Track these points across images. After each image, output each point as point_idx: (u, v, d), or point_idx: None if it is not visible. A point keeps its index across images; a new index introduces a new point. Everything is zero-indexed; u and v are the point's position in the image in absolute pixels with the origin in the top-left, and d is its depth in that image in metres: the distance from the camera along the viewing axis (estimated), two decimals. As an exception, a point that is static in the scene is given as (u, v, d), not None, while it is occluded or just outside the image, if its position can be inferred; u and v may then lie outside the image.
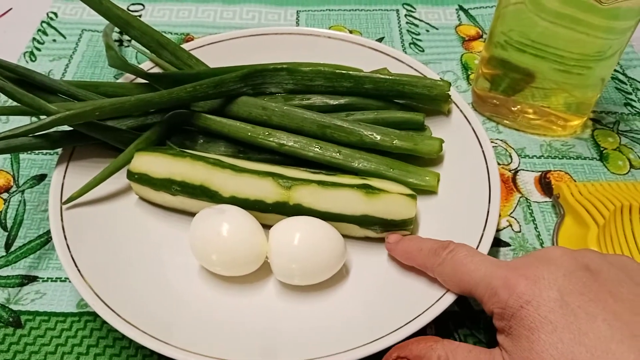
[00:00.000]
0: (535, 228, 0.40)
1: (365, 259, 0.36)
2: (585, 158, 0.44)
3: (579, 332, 0.24)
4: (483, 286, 0.28)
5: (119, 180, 0.37)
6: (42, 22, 0.55)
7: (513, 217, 0.41)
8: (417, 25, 0.55)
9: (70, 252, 0.33)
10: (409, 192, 0.35)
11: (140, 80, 0.43)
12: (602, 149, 0.45)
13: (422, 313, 0.31)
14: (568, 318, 0.25)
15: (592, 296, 0.25)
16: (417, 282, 0.33)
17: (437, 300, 0.32)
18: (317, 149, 0.38)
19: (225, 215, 0.34)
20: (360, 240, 0.36)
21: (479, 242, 0.34)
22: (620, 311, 0.25)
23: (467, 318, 0.35)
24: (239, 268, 0.34)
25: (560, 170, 0.43)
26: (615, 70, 0.51)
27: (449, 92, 0.41)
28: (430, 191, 0.38)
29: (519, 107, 0.45)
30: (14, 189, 0.41)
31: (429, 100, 0.41)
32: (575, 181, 0.43)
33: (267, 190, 0.35)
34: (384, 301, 0.33)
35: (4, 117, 0.46)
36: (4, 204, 0.40)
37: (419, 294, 0.32)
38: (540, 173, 0.43)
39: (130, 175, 0.36)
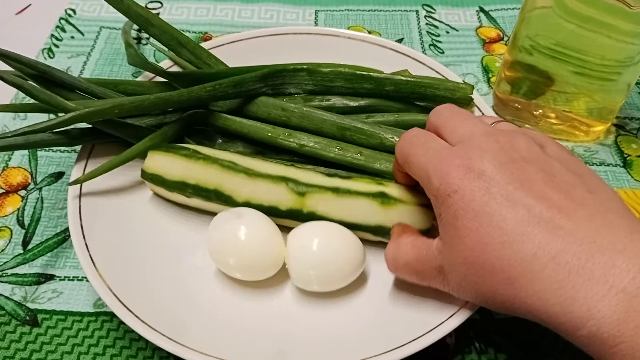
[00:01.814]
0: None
1: (384, 265, 0.35)
2: (608, 164, 0.44)
3: (498, 217, 0.25)
4: (423, 171, 0.29)
5: (138, 180, 0.37)
6: (61, 18, 0.55)
7: (534, 224, 0.40)
8: (436, 27, 0.55)
9: (88, 251, 0.33)
10: (426, 201, 0.34)
11: (159, 78, 0.43)
12: (625, 155, 0.44)
13: (442, 322, 0.31)
14: (490, 205, 0.26)
15: (518, 185, 0.26)
16: (438, 290, 0.33)
17: (458, 309, 0.31)
18: (338, 150, 0.38)
19: (244, 219, 0.33)
20: (378, 246, 0.36)
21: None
22: (550, 197, 0.25)
23: (488, 326, 0.34)
24: (256, 273, 0.33)
25: (582, 177, 0.43)
26: (640, 76, 0.50)
27: (471, 96, 0.40)
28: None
29: (541, 111, 0.44)
30: (31, 186, 0.41)
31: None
32: (598, 188, 0.42)
33: (280, 197, 0.34)
34: (403, 309, 0.33)
35: (22, 114, 0.46)
36: (22, 201, 0.40)
37: (440, 302, 0.32)
38: (562, 179, 0.42)
39: (144, 175, 0.36)
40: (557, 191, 0.26)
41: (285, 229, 0.34)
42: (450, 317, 0.31)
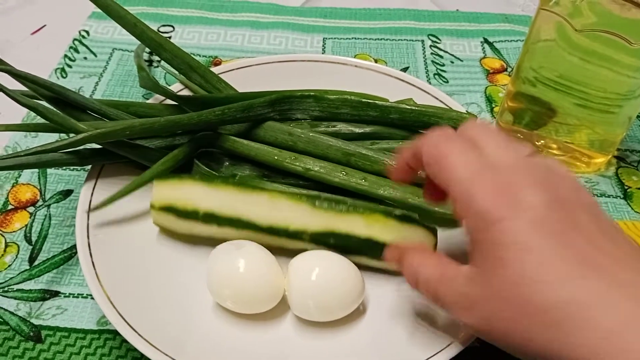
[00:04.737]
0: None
1: (383, 293, 0.35)
2: (609, 196, 0.44)
3: (551, 254, 0.24)
4: (462, 187, 0.26)
5: (146, 199, 0.38)
6: (74, 39, 0.56)
7: (535, 253, 0.40)
8: (441, 57, 0.56)
9: (95, 269, 0.33)
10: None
11: (169, 101, 0.43)
12: (626, 187, 0.45)
13: (440, 351, 0.31)
14: (541, 241, 0.24)
15: (569, 227, 0.25)
16: (437, 318, 0.33)
17: (457, 339, 0.31)
18: (343, 175, 0.39)
19: (242, 251, 0.33)
20: (378, 274, 0.36)
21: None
22: (601, 245, 0.24)
23: (488, 355, 0.34)
24: (254, 307, 0.33)
25: (584, 207, 0.43)
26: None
27: (474, 125, 0.41)
28: (455, 220, 0.38)
29: (542, 142, 0.45)
30: (40, 203, 0.42)
31: (454, 132, 0.41)
32: (599, 219, 0.42)
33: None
34: (403, 338, 0.33)
35: (33, 132, 0.47)
36: (30, 217, 0.41)
37: (438, 330, 0.32)
38: (563, 209, 0.43)
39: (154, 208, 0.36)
40: (606, 240, 0.25)
41: (284, 256, 0.35)
42: (448, 345, 0.31)
